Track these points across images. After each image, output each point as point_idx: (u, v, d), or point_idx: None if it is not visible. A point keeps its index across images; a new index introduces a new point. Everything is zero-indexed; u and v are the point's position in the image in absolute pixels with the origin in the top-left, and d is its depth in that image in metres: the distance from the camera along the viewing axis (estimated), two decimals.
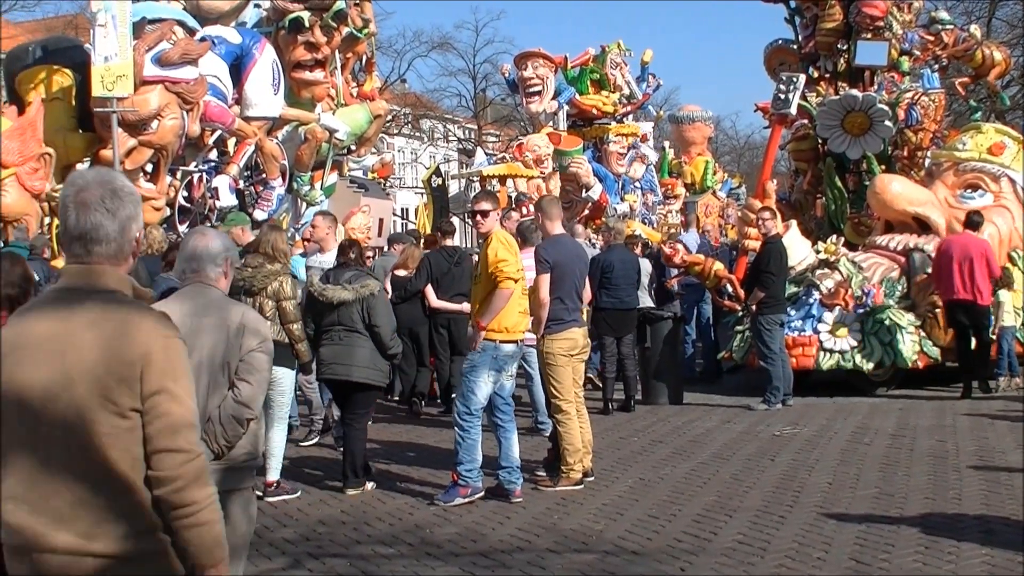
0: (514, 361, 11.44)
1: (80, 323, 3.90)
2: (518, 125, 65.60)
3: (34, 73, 19.83)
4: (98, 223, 4.00)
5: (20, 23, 48.67)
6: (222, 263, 6.44)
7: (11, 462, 3.86)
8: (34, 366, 3.87)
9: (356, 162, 27.74)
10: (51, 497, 3.82)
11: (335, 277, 12.07)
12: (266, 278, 11.20)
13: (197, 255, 6.40)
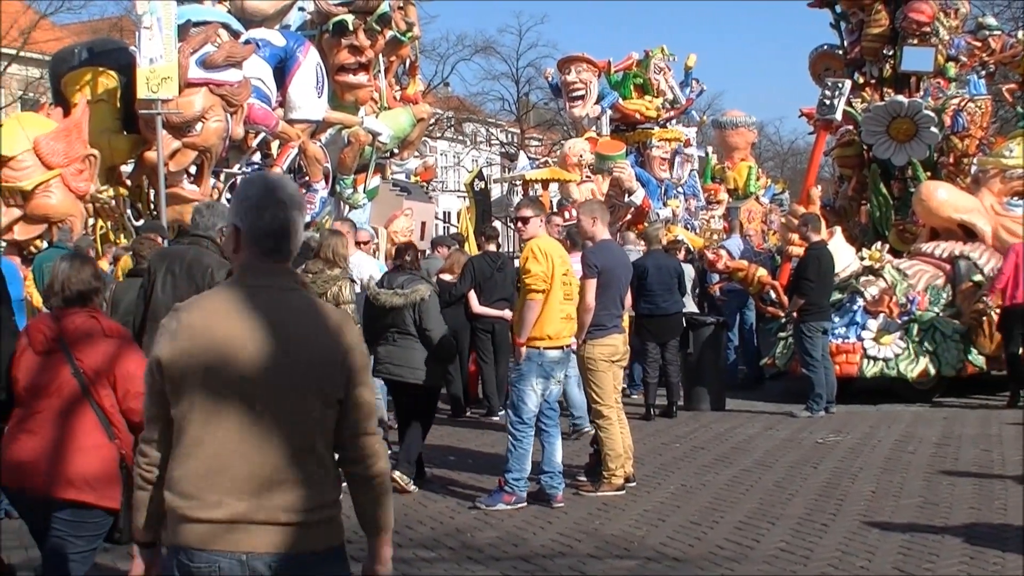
0: (562, 367, 11.41)
1: (293, 315, 4.28)
2: (561, 129, 65.54)
3: (80, 75, 19.95)
4: (293, 219, 4.32)
5: (66, 25, 49.16)
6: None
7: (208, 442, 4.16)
8: (252, 352, 4.16)
9: (399, 165, 27.77)
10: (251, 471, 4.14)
11: (390, 281, 12.30)
12: (326, 283, 11.36)
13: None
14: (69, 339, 6.47)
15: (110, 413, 6.46)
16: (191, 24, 19.74)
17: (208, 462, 4.14)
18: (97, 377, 6.43)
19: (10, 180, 17.87)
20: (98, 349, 6.48)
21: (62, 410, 6.39)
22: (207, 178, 19.93)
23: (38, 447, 6.37)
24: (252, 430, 4.16)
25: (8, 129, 18.63)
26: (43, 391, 6.45)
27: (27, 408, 6.51)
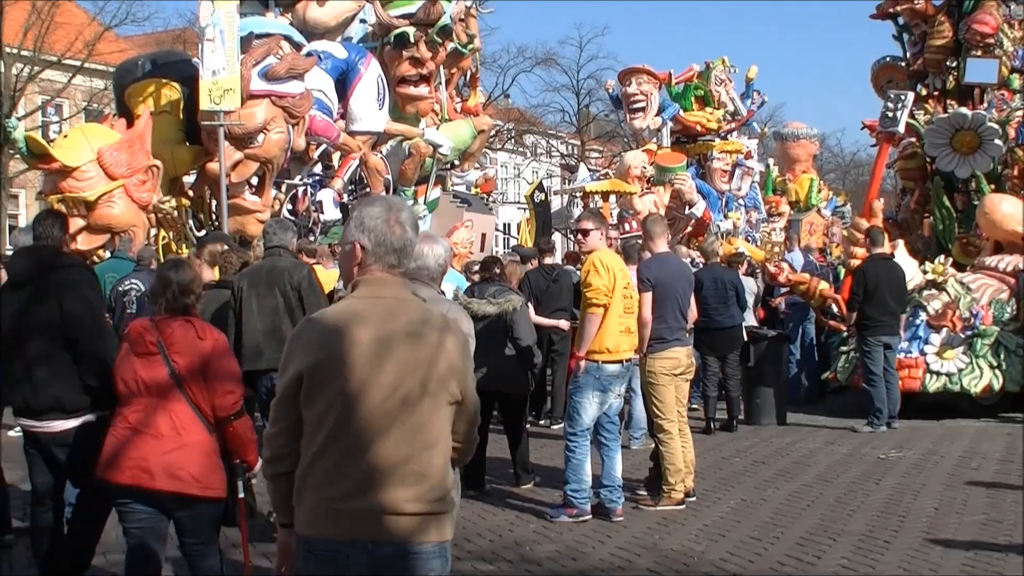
0: (620, 381, 11.33)
1: (415, 321, 4.76)
2: (621, 141, 65.44)
3: (143, 87, 20.12)
4: (412, 239, 4.86)
5: (130, 37, 49.46)
6: (443, 262, 7.43)
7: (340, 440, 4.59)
8: (384, 356, 4.62)
9: (459, 177, 27.82)
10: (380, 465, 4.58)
11: (480, 291, 12.64)
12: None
13: (422, 253, 7.21)
14: (167, 342, 6.99)
15: (204, 411, 6.98)
16: (253, 36, 19.86)
17: (341, 457, 4.56)
18: (192, 377, 6.95)
19: (74, 190, 18.04)
20: (193, 352, 7.00)
21: (162, 409, 6.91)
22: (269, 189, 20.04)
23: (142, 444, 6.87)
24: (384, 428, 4.59)
25: (72, 140, 18.80)
26: (143, 391, 6.96)
27: (129, 407, 7.02)
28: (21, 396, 8.00)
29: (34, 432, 8.06)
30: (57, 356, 7.86)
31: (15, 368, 8.03)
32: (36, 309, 7.94)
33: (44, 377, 7.86)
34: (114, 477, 6.95)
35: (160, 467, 6.81)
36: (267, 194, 20.06)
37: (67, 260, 8.42)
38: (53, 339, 7.88)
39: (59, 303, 7.88)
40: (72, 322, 7.85)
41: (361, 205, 4.97)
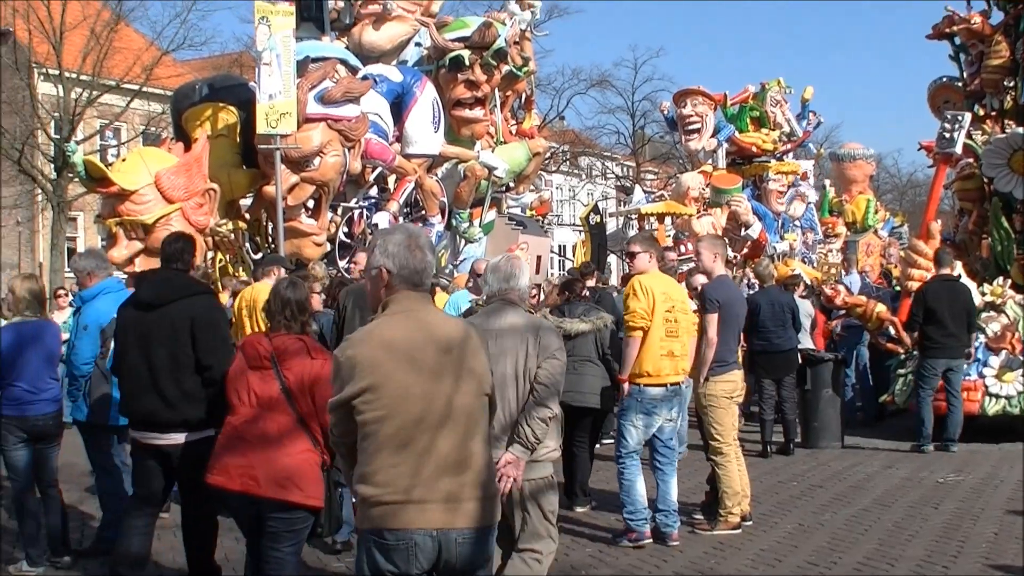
0: (665, 405, 11.22)
1: (442, 328, 5.48)
2: (677, 163, 65.36)
3: (200, 111, 20.23)
4: (431, 261, 5.53)
5: (187, 61, 49.79)
6: (530, 283, 7.91)
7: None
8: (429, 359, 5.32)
9: (515, 199, 27.86)
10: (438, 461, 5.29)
11: (569, 311, 12.73)
12: None
13: (512, 275, 7.76)
14: (280, 358, 7.43)
15: (311, 424, 7.38)
16: (309, 60, 19.93)
17: (403, 457, 5.19)
18: (300, 392, 7.37)
19: (132, 213, 18.14)
20: (303, 368, 7.42)
21: (271, 420, 7.34)
22: (325, 212, 20.09)
23: (251, 453, 7.28)
24: (434, 427, 5.23)
25: (130, 163, 18.92)
26: (255, 403, 7.40)
27: (240, 417, 7.45)
28: (146, 411, 8.49)
29: (155, 444, 8.52)
30: (186, 376, 8.38)
31: (138, 384, 8.53)
32: (166, 331, 8.45)
33: (173, 396, 8.37)
34: (223, 483, 7.35)
35: (266, 475, 7.20)
36: (323, 217, 20.12)
37: (196, 286, 9.01)
38: (182, 360, 8.40)
39: (190, 327, 8.42)
40: (202, 345, 8.39)
41: (382, 234, 5.63)
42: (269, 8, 18.71)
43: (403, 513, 5.17)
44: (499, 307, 7.73)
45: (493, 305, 7.80)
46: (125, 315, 8.83)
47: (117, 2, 42.34)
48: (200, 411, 8.31)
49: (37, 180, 41.52)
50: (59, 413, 10.38)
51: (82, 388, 10.31)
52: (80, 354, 10.25)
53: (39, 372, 10.08)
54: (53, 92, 42.47)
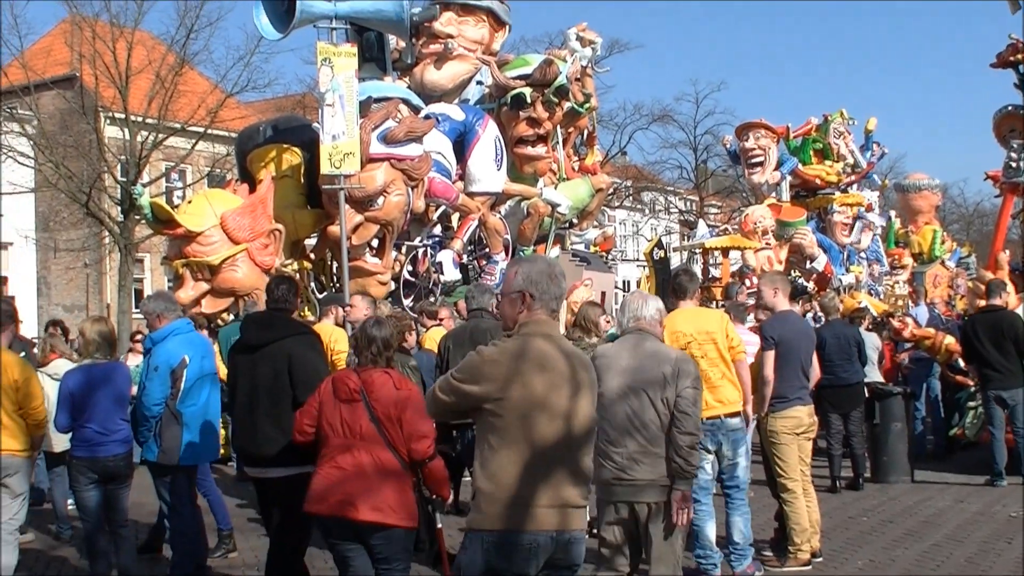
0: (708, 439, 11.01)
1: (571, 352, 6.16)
2: (740, 196, 65.15)
3: (265, 152, 20.38)
4: (564, 289, 6.22)
5: (251, 103, 50.17)
6: (658, 315, 8.42)
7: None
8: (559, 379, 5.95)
9: (578, 235, 27.86)
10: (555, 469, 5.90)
11: None
12: (584, 351, 11.53)
13: (639, 309, 8.34)
14: (368, 390, 7.91)
15: (399, 449, 7.90)
16: (372, 100, 20.04)
17: (531, 466, 5.76)
18: (388, 421, 7.89)
19: (198, 255, 18.30)
20: (390, 398, 7.93)
21: (363, 448, 7.83)
22: (389, 251, 20.16)
23: (346, 480, 7.76)
24: (557, 439, 5.82)
25: (196, 205, 19.10)
26: (347, 433, 7.88)
27: (331, 447, 7.94)
28: (250, 446, 9.21)
29: (259, 478, 9.23)
30: (285, 413, 8.84)
31: (242, 421, 9.25)
32: (267, 371, 9.03)
33: (273, 431, 8.89)
34: (321, 510, 7.84)
35: (363, 500, 7.67)
36: (387, 256, 20.19)
37: (298, 326, 9.68)
38: (281, 397, 8.95)
39: (289, 366, 8.99)
40: (302, 387, 8.82)
41: (524, 263, 6.24)
42: (332, 49, 18.83)
43: (530, 515, 5.74)
44: (638, 338, 8.28)
45: (631, 336, 8.31)
46: (233, 358, 9.54)
47: (182, 46, 42.66)
48: (298, 447, 8.57)
49: (104, 223, 41.87)
50: (129, 454, 10.48)
51: (152, 429, 10.39)
52: (150, 395, 10.32)
53: (109, 413, 10.19)
54: (119, 136, 42.86)
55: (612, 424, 7.97)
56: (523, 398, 5.79)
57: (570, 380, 5.95)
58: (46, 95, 43.62)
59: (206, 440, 10.66)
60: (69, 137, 43.00)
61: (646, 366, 8.02)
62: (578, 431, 5.94)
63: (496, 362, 5.86)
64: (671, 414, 7.89)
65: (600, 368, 7.77)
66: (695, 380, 8.01)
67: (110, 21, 41.83)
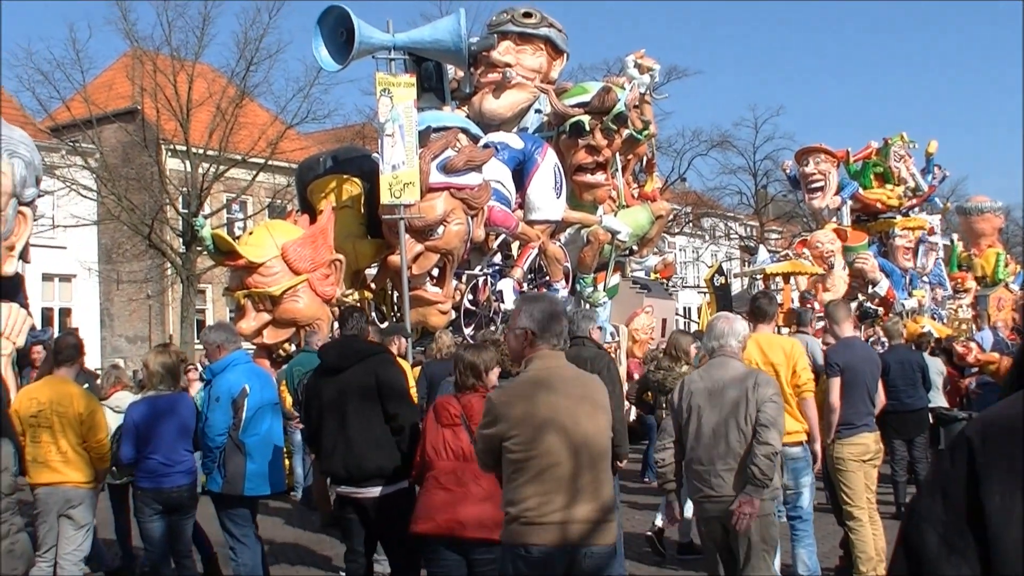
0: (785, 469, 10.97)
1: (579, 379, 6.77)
2: (800, 221, 64.82)
3: (325, 183, 20.49)
4: (567, 326, 6.95)
5: (311, 134, 50.40)
6: (742, 339, 8.70)
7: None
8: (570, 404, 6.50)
9: (638, 263, 27.82)
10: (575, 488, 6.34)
11: None
12: (676, 379, 11.81)
13: (723, 333, 8.58)
14: (468, 413, 8.23)
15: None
16: (431, 130, 20.13)
17: (549, 485, 6.24)
18: None
19: (259, 285, 18.40)
20: None
21: (466, 469, 8.15)
22: (450, 280, 20.21)
23: (452, 500, 8.14)
24: (574, 457, 6.28)
25: (257, 236, 19.21)
26: (450, 455, 8.26)
27: (437, 469, 8.30)
28: (342, 466, 9.47)
29: (354, 497, 9.49)
30: (377, 431, 9.37)
31: (334, 442, 9.52)
32: (355, 391, 9.50)
33: (366, 450, 9.35)
34: (429, 529, 8.19)
35: (469, 518, 7.99)
36: (448, 285, 20.23)
37: (375, 348, 10.34)
38: (372, 416, 9.41)
39: (376, 385, 9.45)
40: (390, 400, 9.42)
41: (527, 302, 6.92)
42: (391, 80, 18.95)
43: (541, 530, 6.20)
44: (721, 361, 8.51)
45: (715, 360, 8.56)
46: (315, 382, 9.97)
47: (242, 79, 42.97)
48: (392, 462, 9.29)
49: (167, 254, 42.20)
50: (193, 485, 10.54)
51: (216, 459, 10.45)
52: (214, 425, 10.39)
53: (174, 444, 10.25)
54: (181, 168, 43.20)
55: (700, 445, 8.22)
56: (531, 424, 6.34)
57: (579, 400, 6.50)
58: (108, 128, 44.13)
59: (271, 470, 10.76)
60: (131, 170, 43.45)
61: (728, 388, 8.27)
62: (590, 449, 6.40)
63: (506, 403, 6.50)
64: (753, 430, 8.11)
65: (686, 394, 8.37)
66: (775, 394, 8.27)
67: (171, 55, 42.25)
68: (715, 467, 8.10)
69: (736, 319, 8.99)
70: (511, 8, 24.40)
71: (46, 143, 38.19)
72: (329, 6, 19.69)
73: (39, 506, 10.26)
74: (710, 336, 8.77)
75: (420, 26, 24.05)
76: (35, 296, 32.07)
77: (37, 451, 10.08)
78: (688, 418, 8.26)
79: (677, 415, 8.37)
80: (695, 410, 8.27)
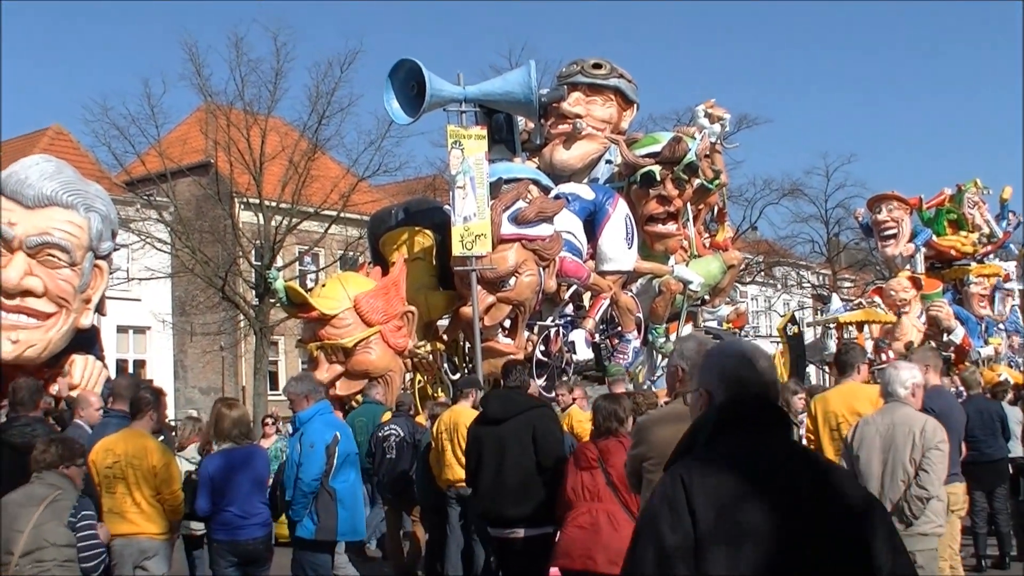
0: None
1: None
2: (873, 269, 64.37)
3: (397, 235, 20.59)
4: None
5: (382, 186, 50.65)
6: (909, 386, 9.11)
7: None
8: None
9: (711, 312, 27.69)
10: None
11: None
12: None
13: (890, 380, 9.17)
14: (604, 457, 8.91)
15: (633, 510, 8.65)
16: (503, 181, 20.22)
17: None
18: (622, 483, 8.70)
19: (332, 337, 18.47)
20: (622, 462, 8.28)
21: (601, 509, 8.83)
22: (522, 331, 20.22)
23: (587, 538, 8.73)
24: None
25: (330, 288, 19.31)
26: (587, 497, 8.95)
27: (576, 510, 8.98)
28: (498, 509, 10.35)
29: (502, 538, 10.37)
30: (529, 479, 10.12)
31: (489, 486, 10.40)
32: (514, 440, 10.31)
33: (518, 494, 10.10)
34: (567, 564, 8.90)
35: (602, 555, 8.55)
36: (520, 336, 20.24)
37: (534, 401, 11.26)
38: (526, 463, 10.19)
39: (533, 435, 10.22)
40: (542, 449, 10.18)
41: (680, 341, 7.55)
42: (462, 132, 19.05)
43: None
44: (892, 406, 9.09)
45: (888, 405, 9.15)
46: (477, 430, 10.80)
47: (314, 132, 43.28)
48: (539, 508, 9.95)
49: (240, 306, 42.49)
50: (269, 536, 10.61)
51: (308, 506, 10.62)
52: (308, 471, 10.62)
53: (249, 497, 10.32)
54: (254, 220, 43.52)
55: (870, 487, 8.44)
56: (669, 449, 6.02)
57: None
58: (182, 182, 44.56)
59: (357, 517, 11.25)
60: (205, 223, 43.90)
61: (897, 433, 8.82)
62: None
63: (649, 427, 6.96)
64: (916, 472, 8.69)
65: (858, 436, 9.02)
66: (941, 442, 8.81)
67: (244, 109, 42.64)
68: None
69: (905, 367, 9.55)
70: (581, 59, 24.51)
71: (121, 197, 38.71)
72: (400, 60, 19.84)
73: (115, 558, 10.30)
74: (883, 382, 9.41)
75: (490, 78, 24.17)
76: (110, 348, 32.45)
77: (113, 502, 10.14)
78: (858, 458, 8.85)
79: (848, 453, 8.96)
80: (865, 451, 8.87)
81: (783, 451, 4.12)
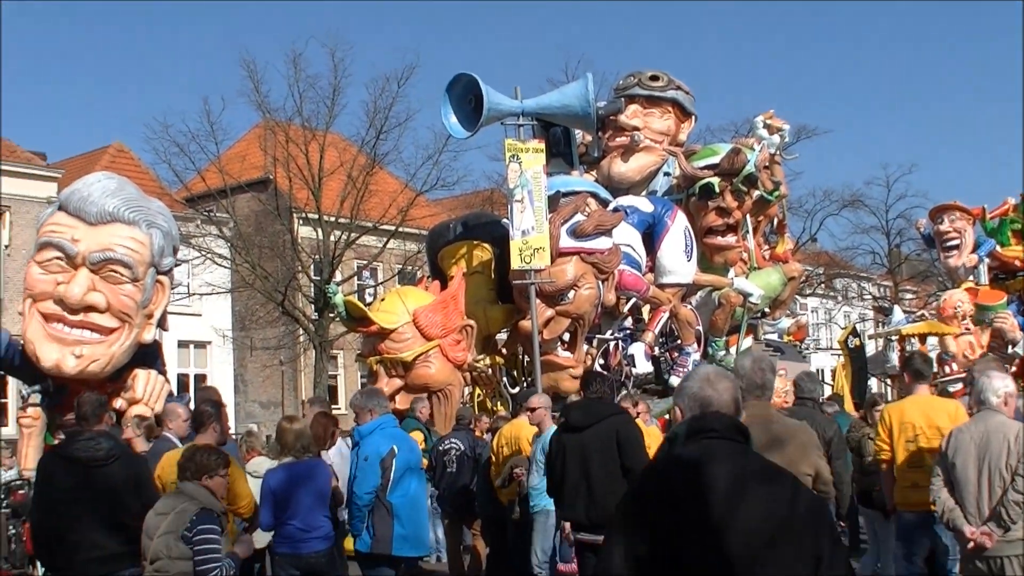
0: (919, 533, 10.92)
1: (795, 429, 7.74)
2: (936, 280, 63.86)
3: (455, 249, 20.61)
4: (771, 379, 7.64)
5: (440, 201, 50.73)
6: (1001, 395, 9.24)
7: None
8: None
9: (771, 325, 27.54)
10: None
11: None
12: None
13: (982, 389, 9.30)
14: None
15: None
16: (560, 195, 20.19)
17: None
18: None
19: (392, 351, 18.53)
20: None
21: None
22: (581, 345, 20.17)
23: None
24: None
25: (389, 303, 19.37)
26: None
27: None
28: (584, 514, 10.62)
29: (587, 542, 10.50)
30: (614, 480, 10.38)
31: (575, 492, 10.70)
32: (597, 447, 10.62)
33: (604, 497, 10.26)
34: None
35: None
36: (579, 350, 20.20)
37: (615, 407, 11.72)
38: (611, 467, 10.51)
39: (617, 440, 10.58)
40: (626, 453, 10.52)
41: (739, 357, 7.79)
42: (519, 146, 19.04)
43: None
44: (984, 414, 9.20)
45: (981, 413, 9.27)
46: (560, 438, 11.03)
47: (372, 147, 43.43)
48: None
49: (299, 321, 42.68)
50: (331, 550, 10.60)
51: (364, 519, 10.64)
52: (362, 484, 10.66)
53: (311, 510, 10.32)
54: (313, 236, 43.75)
55: (965, 492, 8.94)
56: None
57: (770, 443, 6.95)
58: (242, 198, 44.87)
59: (417, 532, 11.09)
60: (264, 238, 44.16)
61: (992, 440, 8.92)
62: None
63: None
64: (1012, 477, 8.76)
65: (952, 445, 9.11)
66: None
67: (302, 124, 42.86)
68: (979, 512, 8.78)
69: (998, 376, 9.63)
70: (638, 72, 24.44)
71: (182, 213, 38.94)
72: (458, 74, 19.87)
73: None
74: (975, 391, 9.49)
75: (547, 92, 24.16)
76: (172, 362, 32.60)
77: None
78: (954, 465, 8.97)
79: (943, 462, 9.12)
80: (961, 458, 8.96)
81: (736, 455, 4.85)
